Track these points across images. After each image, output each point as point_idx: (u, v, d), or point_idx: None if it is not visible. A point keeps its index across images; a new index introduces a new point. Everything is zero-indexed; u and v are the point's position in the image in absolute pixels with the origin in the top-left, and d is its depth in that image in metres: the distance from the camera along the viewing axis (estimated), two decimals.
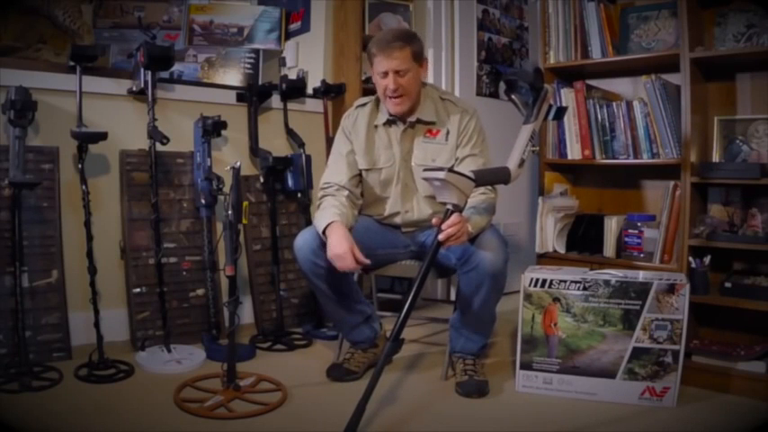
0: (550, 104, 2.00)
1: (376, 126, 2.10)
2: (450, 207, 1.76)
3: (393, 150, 2.08)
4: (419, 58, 1.99)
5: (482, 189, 1.97)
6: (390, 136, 2.08)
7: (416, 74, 1.99)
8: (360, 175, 2.11)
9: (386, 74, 1.95)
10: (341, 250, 1.82)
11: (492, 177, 1.90)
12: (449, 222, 1.74)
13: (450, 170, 1.75)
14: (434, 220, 1.79)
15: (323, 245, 1.90)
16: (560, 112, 2.08)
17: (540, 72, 2.00)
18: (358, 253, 1.83)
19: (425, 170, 1.82)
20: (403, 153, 2.07)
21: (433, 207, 2.04)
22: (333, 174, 2.09)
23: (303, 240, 1.97)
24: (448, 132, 2.06)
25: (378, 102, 2.12)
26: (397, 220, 2.13)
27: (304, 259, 1.96)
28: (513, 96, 2.00)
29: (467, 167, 1.93)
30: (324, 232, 1.89)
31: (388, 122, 2.07)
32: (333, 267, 1.88)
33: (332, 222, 1.88)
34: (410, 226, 2.15)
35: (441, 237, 1.74)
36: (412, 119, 2.05)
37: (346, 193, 2.05)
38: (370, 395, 1.64)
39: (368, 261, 1.85)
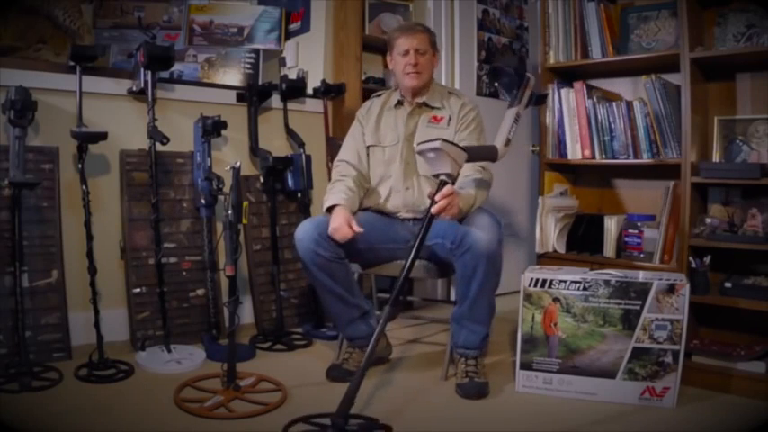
0: (532, 92, 2.18)
1: (387, 110, 2.26)
2: (443, 178, 1.85)
3: (398, 131, 2.20)
4: (434, 47, 2.22)
5: (476, 167, 2.07)
6: (397, 117, 2.23)
7: (432, 59, 2.19)
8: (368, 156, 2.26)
9: (407, 52, 2.14)
10: (337, 223, 1.99)
11: (482, 153, 2.03)
12: (442, 193, 1.83)
13: (444, 140, 1.85)
14: (428, 192, 1.89)
15: (323, 235, 1.99)
16: (541, 98, 2.36)
17: (523, 60, 2.26)
18: (353, 223, 1.99)
19: (420, 143, 1.92)
20: (407, 133, 2.19)
21: (433, 188, 2.07)
22: (346, 152, 2.27)
23: (303, 231, 2.02)
24: (450, 119, 2.19)
25: (393, 91, 2.30)
26: (398, 199, 2.18)
27: (305, 249, 2.00)
28: (498, 83, 2.23)
29: None
30: (328, 211, 2.07)
31: (399, 103, 2.24)
32: (332, 257, 2.00)
33: (336, 205, 2.06)
34: (410, 210, 2.18)
35: (433, 210, 1.83)
36: (419, 100, 2.20)
37: (355, 173, 2.20)
38: (367, 367, 1.69)
39: (361, 229, 1.98)
